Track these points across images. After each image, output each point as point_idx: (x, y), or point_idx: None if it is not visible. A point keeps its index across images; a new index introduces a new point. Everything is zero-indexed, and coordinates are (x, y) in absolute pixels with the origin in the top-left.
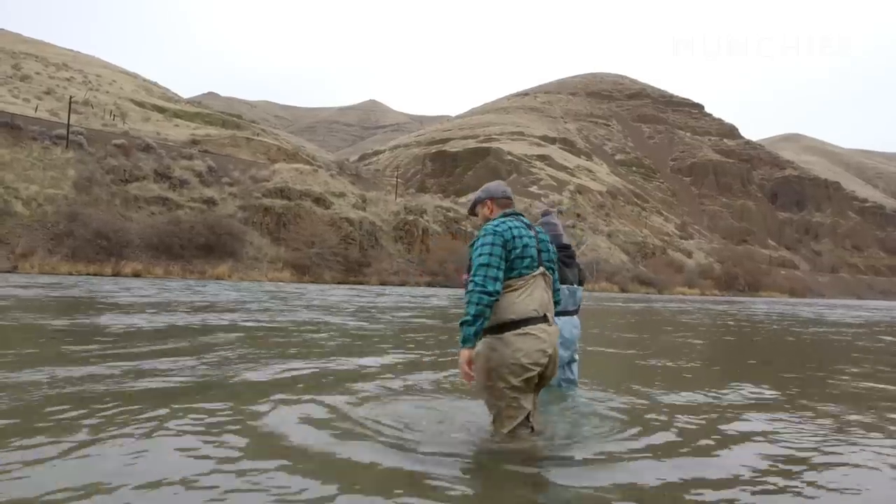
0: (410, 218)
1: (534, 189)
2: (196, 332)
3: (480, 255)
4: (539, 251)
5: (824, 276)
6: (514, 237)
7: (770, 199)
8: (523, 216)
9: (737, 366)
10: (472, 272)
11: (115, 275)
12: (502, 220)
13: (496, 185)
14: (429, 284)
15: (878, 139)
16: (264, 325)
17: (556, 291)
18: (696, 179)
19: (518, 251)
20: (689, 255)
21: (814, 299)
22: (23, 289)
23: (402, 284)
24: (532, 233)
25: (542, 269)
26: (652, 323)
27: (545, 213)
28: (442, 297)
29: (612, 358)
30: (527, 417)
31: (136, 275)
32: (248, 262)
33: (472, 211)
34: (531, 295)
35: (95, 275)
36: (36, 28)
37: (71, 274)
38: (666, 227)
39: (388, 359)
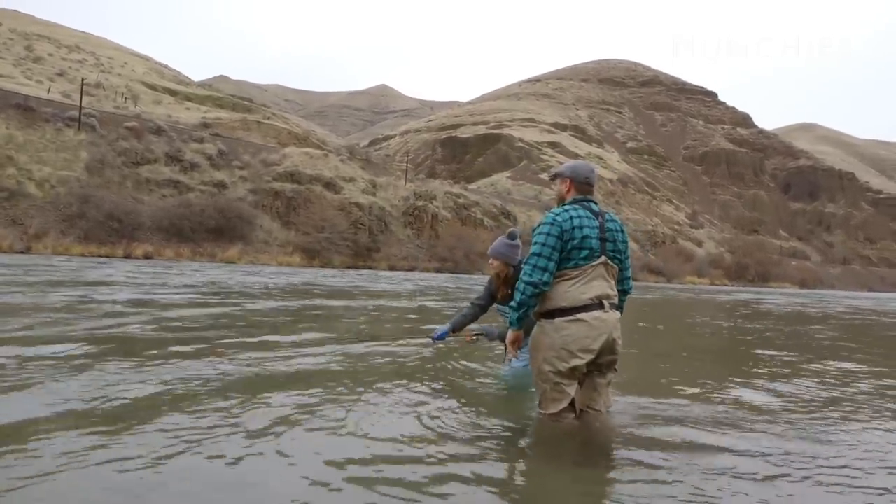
0: (420, 203)
1: (544, 176)
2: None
3: (535, 243)
4: (603, 240)
5: (836, 268)
6: (573, 227)
7: (783, 189)
8: (594, 203)
9: None
10: (526, 258)
11: (127, 257)
12: (567, 208)
13: (583, 168)
14: (438, 270)
15: None
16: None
17: (625, 280)
18: (708, 168)
19: (576, 242)
20: (700, 244)
21: (831, 290)
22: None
23: (411, 270)
24: (598, 221)
25: (603, 258)
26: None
27: (511, 235)
28: None
29: None
30: (571, 403)
31: (148, 257)
32: (258, 246)
33: (553, 178)
34: (587, 284)
35: (107, 256)
36: (48, 10)
37: (84, 255)
38: (676, 215)
39: None
